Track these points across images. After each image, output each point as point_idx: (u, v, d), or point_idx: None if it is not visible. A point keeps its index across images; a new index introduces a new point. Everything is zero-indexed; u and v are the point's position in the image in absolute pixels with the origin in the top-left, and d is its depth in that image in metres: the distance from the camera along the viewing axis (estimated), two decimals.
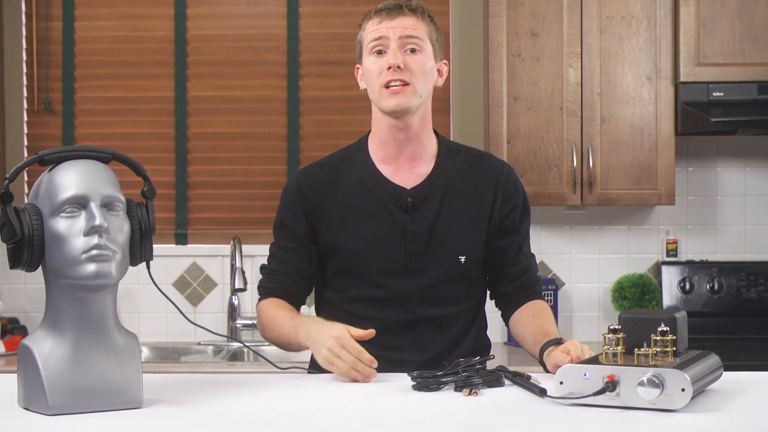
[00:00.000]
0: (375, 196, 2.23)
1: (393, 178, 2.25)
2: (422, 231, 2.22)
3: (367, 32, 2.22)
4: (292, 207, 2.29)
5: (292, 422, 1.65)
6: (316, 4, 4.03)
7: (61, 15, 4.02)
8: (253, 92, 4.03)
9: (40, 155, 1.70)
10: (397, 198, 2.23)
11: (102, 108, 4.03)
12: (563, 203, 3.66)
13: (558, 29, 3.64)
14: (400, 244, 2.22)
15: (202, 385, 1.93)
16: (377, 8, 2.22)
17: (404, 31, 2.18)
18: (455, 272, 2.23)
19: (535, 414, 1.68)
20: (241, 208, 4.02)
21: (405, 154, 2.25)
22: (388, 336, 2.19)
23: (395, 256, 2.22)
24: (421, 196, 2.23)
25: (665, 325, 1.77)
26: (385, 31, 2.18)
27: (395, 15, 2.19)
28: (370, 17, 2.23)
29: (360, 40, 2.25)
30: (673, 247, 3.94)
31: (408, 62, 2.17)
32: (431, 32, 2.22)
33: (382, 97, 2.19)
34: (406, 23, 2.19)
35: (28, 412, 1.69)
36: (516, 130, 3.63)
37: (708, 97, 3.56)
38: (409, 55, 2.18)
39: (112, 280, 1.67)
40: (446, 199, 2.23)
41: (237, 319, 3.86)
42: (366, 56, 2.22)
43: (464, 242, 2.24)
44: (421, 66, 2.19)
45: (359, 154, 2.29)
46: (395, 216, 2.22)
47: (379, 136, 2.26)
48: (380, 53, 2.19)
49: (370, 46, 2.20)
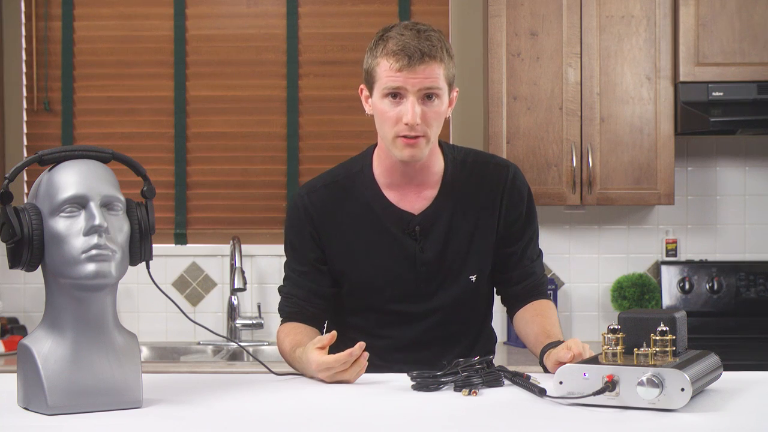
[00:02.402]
0: (382, 223, 2.20)
1: (400, 204, 2.21)
2: (432, 259, 2.20)
3: (382, 72, 2.09)
4: (300, 231, 2.24)
5: (292, 422, 1.65)
6: (315, 4, 4.03)
7: (61, 15, 4.02)
8: (252, 92, 4.03)
9: (40, 155, 1.70)
10: (405, 225, 2.20)
11: (101, 108, 4.03)
12: (563, 203, 3.66)
13: (557, 29, 3.64)
14: (411, 272, 2.20)
15: (202, 385, 1.93)
16: (396, 48, 2.07)
17: (424, 83, 2.06)
18: (466, 292, 2.24)
19: (535, 414, 1.68)
20: (241, 208, 4.02)
21: (413, 183, 2.21)
22: (396, 352, 2.22)
23: (406, 284, 2.21)
24: (429, 221, 2.20)
25: (665, 325, 1.77)
26: (403, 82, 2.06)
27: (416, 65, 2.05)
28: (386, 55, 2.08)
29: (371, 72, 2.13)
30: (672, 246, 3.94)
31: (425, 113, 2.08)
32: (448, 72, 2.11)
33: (395, 146, 2.11)
34: (427, 74, 2.06)
35: (27, 411, 1.69)
36: (515, 129, 3.63)
37: (708, 96, 3.56)
38: (426, 103, 2.08)
39: (111, 279, 1.66)
40: (454, 219, 2.21)
41: (236, 319, 3.86)
42: (379, 97, 2.11)
43: (474, 262, 2.23)
44: (436, 115, 2.10)
45: (364, 175, 2.23)
46: (405, 244, 2.20)
47: (386, 165, 2.21)
48: (395, 98, 2.09)
49: (384, 90, 2.09)
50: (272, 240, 3.97)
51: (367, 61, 2.14)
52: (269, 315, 3.94)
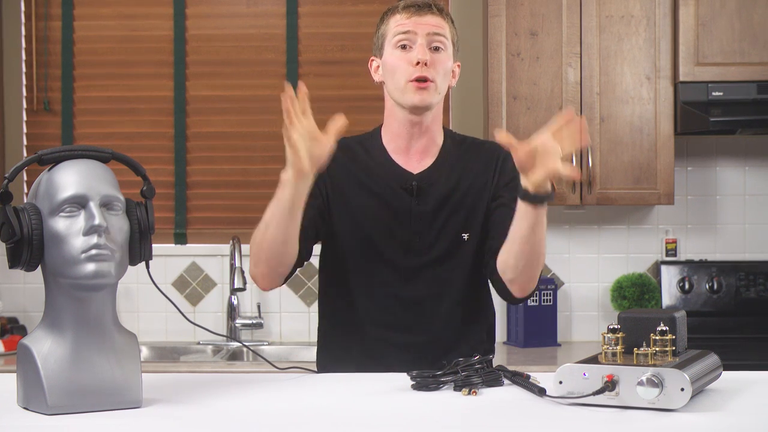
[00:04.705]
0: (383, 179, 2.28)
1: (401, 164, 2.30)
2: (427, 211, 2.26)
3: (392, 26, 2.25)
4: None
5: (292, 422, 1.65)
6: (315, 3, 4.03)
7: (61, 15, 4.02)
8: (252, 92, 4.03)
9: (40, 155, 1.70)
10: (404, 182, 2.27)
11: (101, 108, 4.03)
12: (562, 203, 3.66)
13: (557, 29, 3.64)
14: (406, 223, 2.25)
15: (202, 384, 1.93)
16: (404, 4, 2.25)
17: (432, 29, 2.22)
18: (459, 250, 2.26)
19: (535, 413, 1.68)
20: (241, 208, 4.02)
21: (416, 147, 2.29)
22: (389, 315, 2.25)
23: (401, 236, 2.25)
24: (426, 181, 2.27)
25: (664, 325, 1.77)
26: (413, 27, 2.22)
27: (424, 12, 2.23)
28: (395, 12, 2.26)
29: (382, 33, 2.28)
30: (672, 246, 3.94)
31: (433, 59, 2.21)
32: (453, 34, 2.28)
33: (407, 91, 2.22)
34: (434, 21, 2.23)
35: (27, 411, 1.69)
36: (515, 129, 3.63)
37: (707, 96, 3.56)
38: (434, 53, 2.22)
39: (111, 279, 1.66)
40: (450, 181, 2.28)
41: (236, 318, 3.86)
42: (390, 50, 2.25)
43: (467, 220, 2.27)
44: (444, 65, 2.24)
45: (373, 140, 2.33)
46: (402, 198, 2.26)
47: (393, 129, 2.30)
48: (405, 48, 2.23)
49: (395, 40, 2.23)
50: None
51: (378, 29, 2.30)
52: (269, 315, 3.94)
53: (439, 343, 2.24)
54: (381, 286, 2.26)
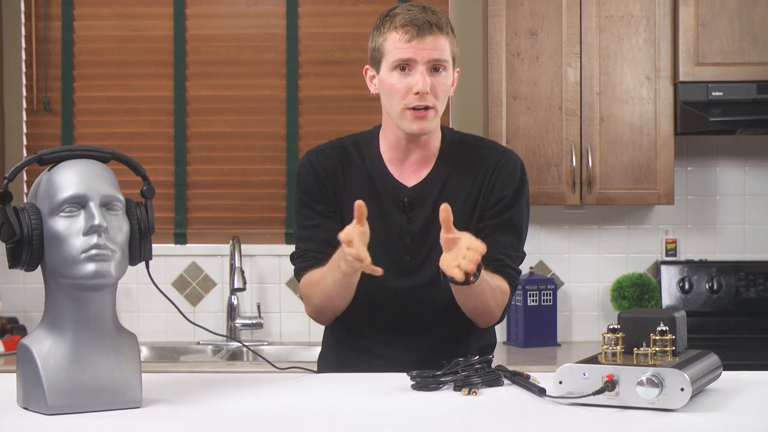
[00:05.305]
0: (378, 192, 2.24)
1: (396, 176, 2.26)
2: (417, 230, 2.23)
3: (390, 45, 2.15)
4: (308, 185, 2.27)
5: (292, 422, 1.65)
6: (315, 3, 4.03)
7: (61, 14, 4.02)
8: (252, 92, 4.03)
9: (40, 155, 1.70)
10: (396, 197, 2.24)
11: (101, 108, 4.03)
12: (562, 203, 3.66)
13: (557, 29, 3.64)
14: (397, 242, 2.23)
15: (202, 384, 1.93)
16: (404, 22, 2.13)
17: (433, 54, 2.13)
18: None
19: (534, 413, 1.68)
20: (241, 208, 4.02)
21: (412, 158, 2.26)
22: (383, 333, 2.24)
23: (392, 255, 2.22)
24: (419, 195, 2.24)
25: (664, 325, 1.77)
26: (413, 53, 2.13)
27: (424, 34, 2.12)
28: (394, 28, 2.15)
29: (378, 48, 2.18)
30: (672, 246, 3.94)
31: (433, 84, 2.14)
32: (453, 47, 2.19)
33: (404, 119, 2.16)
34: (435, 45, 2.13)
35: (27, 411, 1.69)
36: (515, 129, 3.63)
37: (707, 96, 3.56)
38: (434, 75, 2.15)
39: (111, 279, 1.67)
40: (443, 196, 2.22)
41: (236, 318, 3.86)
42: (387, 71, 2.17)
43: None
44: (444, 87, 2.17)
45: (371, 146, 2.29)
46: (393, 215, 2.23)
47: (389, 139, 2.26)
48: (404, 70, 2.15)
49: (394, 63, 2.15)
50: (272, 240, 3.97)
51: (374, 40, 2.20)
52: (269, 315, 3.94)
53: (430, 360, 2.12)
54: (375, 307, 2.24)
